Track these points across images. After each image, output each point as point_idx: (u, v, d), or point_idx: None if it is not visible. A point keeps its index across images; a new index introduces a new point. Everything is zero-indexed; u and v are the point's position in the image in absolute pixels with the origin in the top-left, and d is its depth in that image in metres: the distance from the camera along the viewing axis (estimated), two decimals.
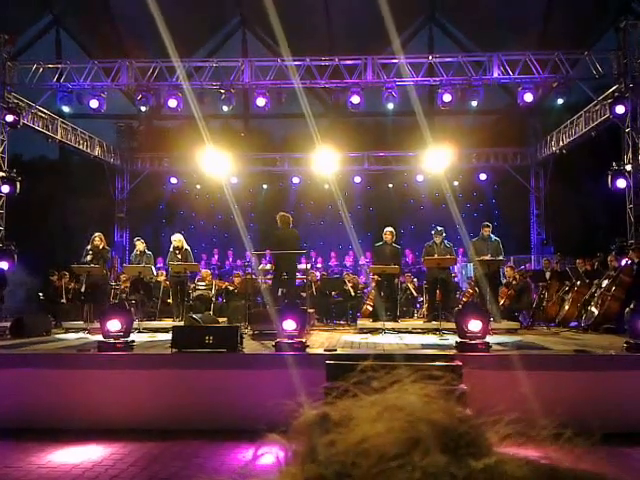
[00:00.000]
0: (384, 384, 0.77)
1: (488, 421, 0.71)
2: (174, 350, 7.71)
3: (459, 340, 7.81)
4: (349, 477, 0.63)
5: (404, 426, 0.66)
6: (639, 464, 5.61)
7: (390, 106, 14.24)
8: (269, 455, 0.75)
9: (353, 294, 13.79)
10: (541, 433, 0.71)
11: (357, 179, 19.40)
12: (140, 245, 12.30)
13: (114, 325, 7.89)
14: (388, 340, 9.70)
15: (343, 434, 0.68)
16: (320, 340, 9.63)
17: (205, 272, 14.27)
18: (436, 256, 11.15)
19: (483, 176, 19.19)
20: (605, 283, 11.10)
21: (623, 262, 11.43)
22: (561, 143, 16.62)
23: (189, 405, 7.22)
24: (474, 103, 14.13)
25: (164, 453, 6.23)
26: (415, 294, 13.76)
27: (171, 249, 12.09)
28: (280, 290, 11.44)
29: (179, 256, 11.91)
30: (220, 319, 11.38)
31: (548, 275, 13.10)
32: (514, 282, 12.53)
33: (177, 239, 12.07)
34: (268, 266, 12.93)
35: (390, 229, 11.80)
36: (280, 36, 13.10)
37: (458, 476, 0.62)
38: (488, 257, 11.16)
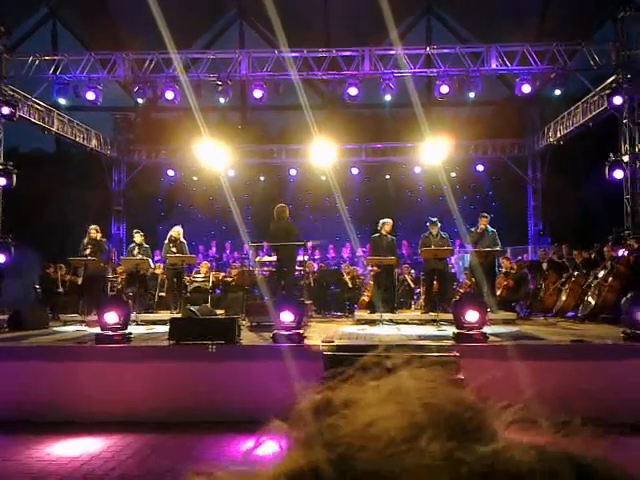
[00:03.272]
0: (387, 370, 0.77)
1: (494, 408, 0.71)
2: (171, 342, 7.72)
3: (456, 331, 7.83)
4: (354, 460, 0.63)
5: (412, 410, 0.66)
6: (635, 452, 5.63)
7: (387, 97, 14.20)
8: (271, 442, 0.75)
9: (351, 286, 13.80)
10: (545, 421, 0.72)
11: (354, 171, 19.38)
12: (138, 238, 12.29)
13: (111, 317, 7.89)
14: (386, 331, 9.72)
15: (348, 417, 0.68)
16: (318, 332, 9.63)
17: (204, 264, 14.27)
18: (433, 247, 11.15)
19: (480, 167, 19.19)
20: (602, 273, 11.12)
21: (620, 252, 11.46)
22: (559, 134, 16.62)
23: (187, 397, 7.24)
24: (472, 94, 14.09)
25: (162, 445, 6.24)
26: (412, 285, 13.77)
27: (166, 241, 12.08)
28: (279, 282, 11.44)
29: (174, 249, 11.90)
30: (218, 311, 11.38)
31: (545, 266, 13.12)
32: (512, 271, 12.55)
33: (176, 231, 12.08)
34: (266, 258, 12.93)
35: (389, 221, 11.79)
36: (277, 28, 13.04)
37: (465, 461, 0.61)
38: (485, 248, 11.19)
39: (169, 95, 14.08)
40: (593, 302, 10.89)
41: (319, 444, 0.66)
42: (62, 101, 14.61)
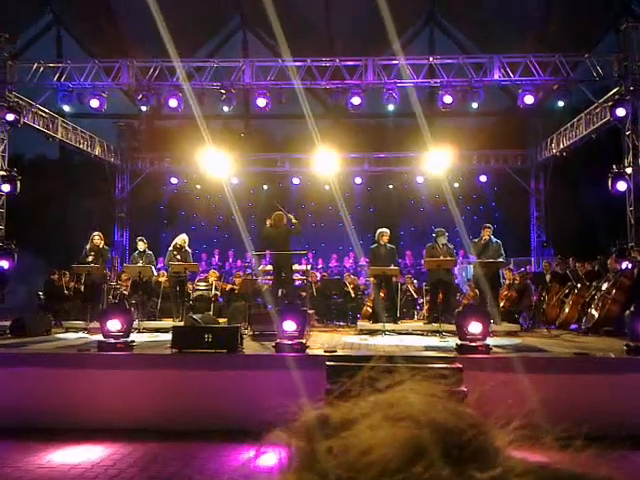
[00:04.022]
0: (388, 383, 0.76)
1: (496, 425, 0.69)
2: (174, 350, 7.71)
3: (459, 342, 7.81)
4: None
5: (408, 434, 0.64)
6: (638, 467, 5.60)
7: (390, 107, 14.23)
8: (271, 454, 0.74)
9: (353, 295, 13.78)
10: (549, 438, 0.70)
11: (357, 180, 19.40)
12: (141, 245, 12.30)
13: (114, 325, 7.89)
14: (388, 342, 9.70)
15: (345, 439, 0.67)
16: (320, 341, 9.63)
17: (212, 272, 14.24)
18: (441, 257, 11.11)
19: (483, 178, 19.20)
20: (605, 286, 11.09)
21: (624, 265, 11.42)
22: (561, 145, 16.61)
23: (189, 405, 7.22)
24: (474, 105, 14.10)
25: (164, 453, 6.22)
26: (415, 295, 13.74)
27: (171, 248, 12.06)
28: (280, 290, 11.43)
29: (178, 257, 11.89)
30: (220, 319, 11.37)
31: (548, 277, 13.09)
32: (516, 282, 12.52)
33: (181, 239, 12.07)
34: (268, 267, 12.93)
35: (386, 230, 11.79)
36: (281, 36, 13.08)
37: None
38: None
39: (173, 103, 14.12)
40: (596, 314, 10.85)
41: (314, 469, 0.65)
42: (66, 108, 14.67)
